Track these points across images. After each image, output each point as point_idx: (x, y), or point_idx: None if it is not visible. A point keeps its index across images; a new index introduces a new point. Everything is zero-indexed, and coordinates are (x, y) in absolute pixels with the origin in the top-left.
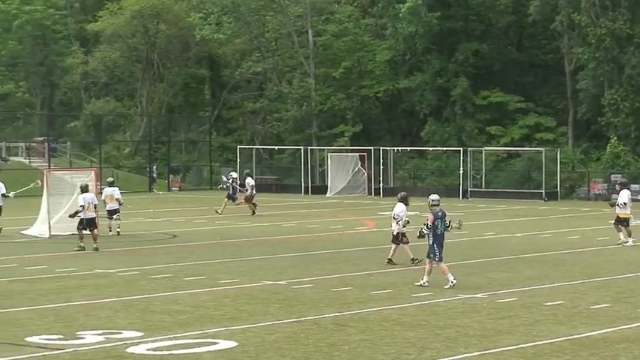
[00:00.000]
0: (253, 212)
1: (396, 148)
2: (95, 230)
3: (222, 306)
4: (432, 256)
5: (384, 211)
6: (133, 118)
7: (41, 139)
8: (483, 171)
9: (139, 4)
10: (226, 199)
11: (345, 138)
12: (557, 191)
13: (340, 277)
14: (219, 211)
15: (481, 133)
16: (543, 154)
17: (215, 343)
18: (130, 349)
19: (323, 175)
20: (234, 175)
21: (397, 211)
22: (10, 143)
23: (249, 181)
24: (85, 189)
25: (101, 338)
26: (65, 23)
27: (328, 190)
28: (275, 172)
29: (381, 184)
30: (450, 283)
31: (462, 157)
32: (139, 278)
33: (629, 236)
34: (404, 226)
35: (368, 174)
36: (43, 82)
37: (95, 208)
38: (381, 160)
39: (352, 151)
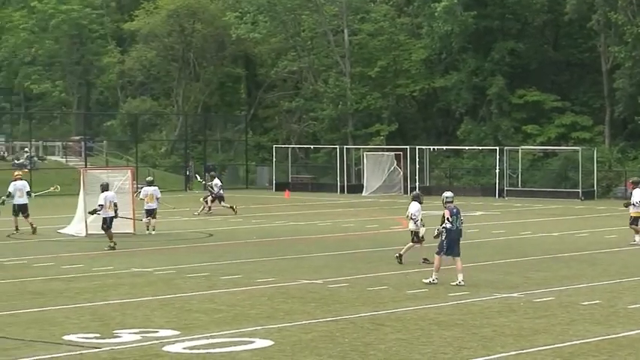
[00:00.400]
0: (234, 210)
1: (431, 147)
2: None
3: (259, 305)
4: (438, 250)
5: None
6: (169, 117)
7: (78, 138)
8: (519, 170)
9: (175, 3)
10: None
11: (381, 137)
12: (594, 190)
13: (376, 276)
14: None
15: (517, 132)
16: (580, 153)
17: (251, 342)
18: (166, 348)
19: (359, 174)
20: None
21: (414, 210)
22: (46, 142)
23: (216, 182)
24: (105, 188)
25: (138, 337)
26: (102, 22)
27: (364, 189)
28: (311, 171)
29: (417, 184)
30: (431, 280)
31: (498, 156)
32: (175, 277)
33: None
34: (423, 226)
35: (404, 173)
36: (80, 81)
37: (115, 207)
38: (417, 159)
39: (388, 150)
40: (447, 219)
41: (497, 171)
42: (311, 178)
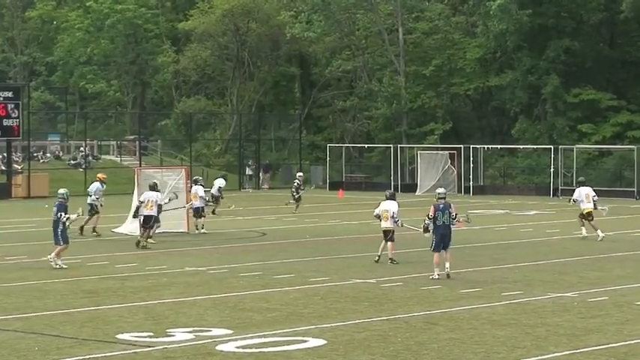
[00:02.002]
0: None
1: (486, 146)
2: (150, 230)
3: (312, 304)
4: (433, 247)
5: (474, 209)
6: (224, 116)
7: (132, 137)
8: (574, 169)
9: (230, 2)
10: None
11: (435, 136)
12: None
13: (429, 275)
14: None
15: (572, 131)
16: (635, 152)
17: (304, 341)
18: (219, 347)
19: (412, 174)
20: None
21: (394, 209)
22: (101, 142)
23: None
24: (153, 187)
25: (191, 336)
26: (156, 22)
27: (418, 188)
28: (364, 170)
29: (471, 182)
30: (435, 276)
31: (552, 155)
32: (228, 276)
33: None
34: (402, 225)
35: (458, 172)
36: (135, 80)
37: (159, 207)
38: (471, 158)
39: (442, 149)
40: (428, 215)
41: (551, 170)
42: (365, 177)
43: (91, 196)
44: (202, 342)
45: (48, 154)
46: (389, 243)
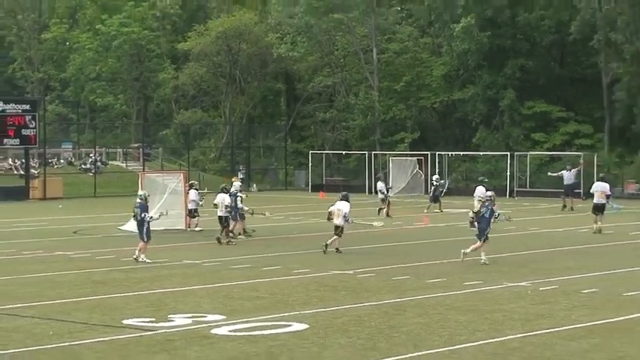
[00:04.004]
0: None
1: (450, 153)
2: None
3: (295, 293)
4: (479, 236)
5: (438, 209)
6: (218, 126)
7: (136, 145)
8: (528, 173)
9: (224, 25)
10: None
11: (405, 144)
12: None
13: (400, 267)
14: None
15: (526, 139)
16: (581, 158)
17: (289, 326)
18: (213, 331)
19: (385, 177)
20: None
21: (346, 209)
22: (109, 149)
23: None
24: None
25: (189, 321)
26: (158, 43)
27: (389, 190)
28: (343, 174)
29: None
30: (483, 260)
31: (509, 161)
32: (221, 268)
33: None
34: (352, 222)
35: (425, 176)
36: (139, 95)
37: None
38: (437, 164)
39: (411, 155)
40: (473, 211)
41: (508, 174)
42: (343, 180)
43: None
44: (199, 326)
45: (61, 160)
46: (337, 237)
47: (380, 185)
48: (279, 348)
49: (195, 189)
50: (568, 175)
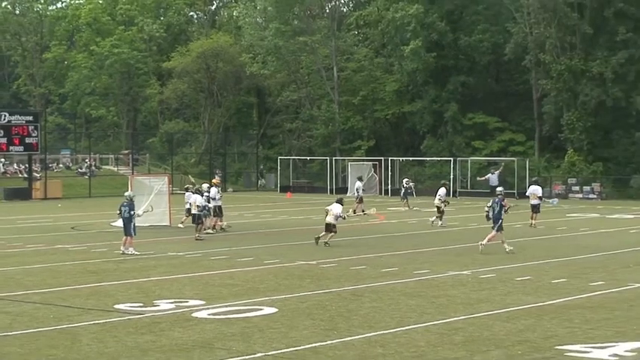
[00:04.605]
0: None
1: (401, 159)
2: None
3: (266, 281)
4: (497, 228)
5: (391, 207)
6: (198, 135)
7: (126, 151)
8: (469, 176)
9: (203, 47)
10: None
11: (362, 151)
12: (526, 191)
13: (357, 258)
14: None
15: (467, 146)
16: (515, 162)
17: (260, 310)
18: (194, 314)
19: (344, 179)
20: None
21: (338, 211)
22: (102, 155)
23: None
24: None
25: (172, 306)
26: (145, 62)
27: (348, 190)
28: (307, 177)
29: (390, 186)
30: (506, 248)
31: (452, 165)
32: (202, 259)
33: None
34: (344, 219)
35: (379, 178)
36: (128, 107)
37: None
38: (390, 168)
39: (367, 160)
40: (487, 205)
41: (451, 177)
42: (307, 182)
43: (214, 199)
44: (181, 310)
45: (60, 165)
46: (329, 233)
47: (358, 184)
48: (252, 329)
49: (192, 192)
50: (493, 178)
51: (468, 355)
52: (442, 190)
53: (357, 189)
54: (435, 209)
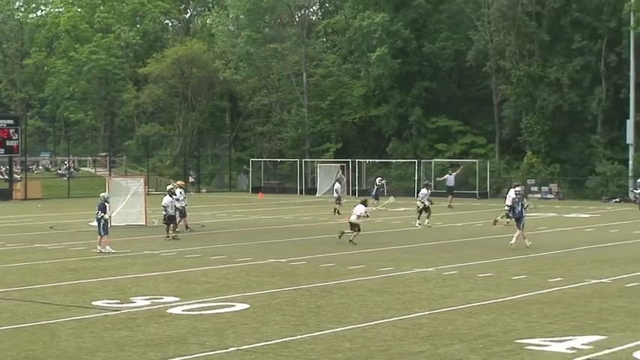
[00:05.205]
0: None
1: (367, 160)
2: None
3: (239, 278)
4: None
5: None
6: (172, 138)
7: (104, 154)
8: (433, 177)
9: (178, 53)
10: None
11: (330, 153)
12: (487, 192)
13: (326, 256)
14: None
15: (431, 148)
16: (477, 164)
17: (233, 306)
18: (169, 310)
19: (313, 180)
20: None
21: (361, 210)
22: (80, 157)
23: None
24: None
25: (148, 302)
26: (122, 68)
27: (317, 191)
28: (278, 178)
29: (357, 187)
30: (513, 241)
31: (416, 167)
32: (176, 257)
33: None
34: (367, 217)
35: (347, 179)
36: (106, 111)
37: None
38: (357, 169)
39: (335, 162)
40: (507, 206)
41: (416, 178)
42: (278, 183)
43: (179, 200)
44: (157, 307)
45: (40, 167)
46: (354, 231)
47: (337, 186)
48: (225, 324)
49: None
50: (450, 179)
51: (432, 349)
52: (423, 191)
53: (335, 190)
54: (416, 209)
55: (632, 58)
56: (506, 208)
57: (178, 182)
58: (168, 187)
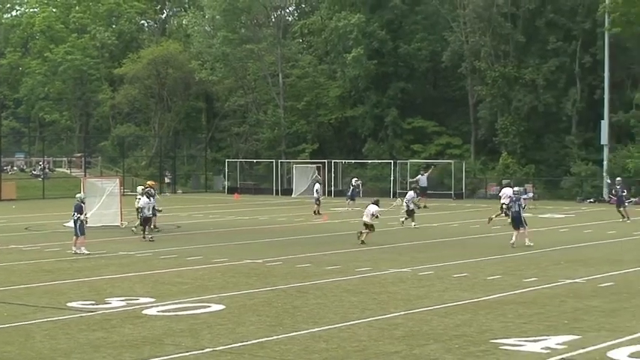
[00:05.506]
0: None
1: (343, 161)
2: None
3: (214, 279)
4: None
5: (335, 207)
6: (148, 138)
7: (79, 154)
8: (408, 177)
9: (153, 54)
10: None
11: (306, 153)
12: (463, 192)
13: (302, 256)
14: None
15: (407, 149)
16: (452, 165)
17: (209, 306)
18: (145, 311)
19: (289, 181)
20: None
21: (374, 210)
22: (55, 158)
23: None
24: (147, 194)
25: (123, 303)
26: (98, 68)
27: (293, 192)
28: (254, 178)
29: (333, 188)
30: (512, 240)
31: (392, 168)
32: (152, 258)
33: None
34: (377, 217)
35: (323, 180)
36: (81, 112)
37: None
38: (333, 170)
39: (311, 163)
40: (504, 205)
41: (392, 178)
42: (254, 184)
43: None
44: (132, 307)
45: (15, 168)
46: (368, 231)
47: (317, 186)
48: (201, 325)
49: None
50: (422, 179)
51: (407, 349)
52: (410, 193)
53: (316, 190)
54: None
55: (606, 59)
56: (504, 206)
57: (148, 182)
58: (143, 189)
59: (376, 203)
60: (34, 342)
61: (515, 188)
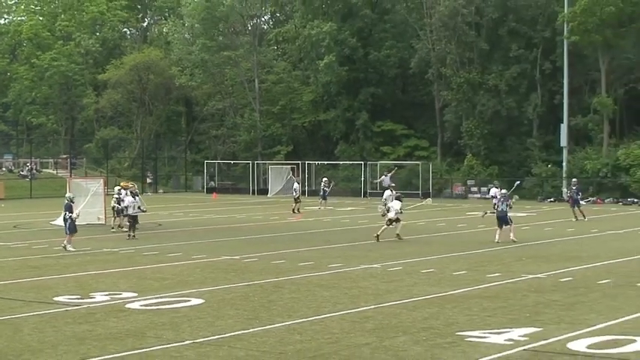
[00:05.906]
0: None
1: (317, 162)
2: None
3: (194, 274)
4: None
5: (308, 206)
6: (131, 141)
7: (65, 156)
8: (378, 178)
9: (135, 60)
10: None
11: (281, 155)
12: (430, 192)
13: (277, 253)
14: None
15: (377, 151)
16: (420, 166)
17: (188, 301)
18: (128, 305)
19: (265, 181)
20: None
21: (397, 207)
22: (42, 159)
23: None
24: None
25: (107, 298)
26: (82, 74)
27: (269, 191)
28: (231, 179)
29: (307, 188)
30: (496, 239)
31: (363, 169)
32: (135, 255)
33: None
34: (401, 213)
35: (297, 180)
36: (67, 116)
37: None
38: (307, 171)
39: (286, 164)
40: (493, 205)
41: (362, 179)
42: (231, 184)
43: (124, 200)
44: (116, 302)
45: (3, 169)
46: (397, 224)
47: (296, 186)
48: (181, 318)
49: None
50: (386, 180)
51: (377, 341)
52: (387, 192)
53: (294, 189)
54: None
55: (565, 65)
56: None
57: (122, 183)
58: (119, 190)
59: (399, 199)
60: (22, 335)
61: (503, 191)
